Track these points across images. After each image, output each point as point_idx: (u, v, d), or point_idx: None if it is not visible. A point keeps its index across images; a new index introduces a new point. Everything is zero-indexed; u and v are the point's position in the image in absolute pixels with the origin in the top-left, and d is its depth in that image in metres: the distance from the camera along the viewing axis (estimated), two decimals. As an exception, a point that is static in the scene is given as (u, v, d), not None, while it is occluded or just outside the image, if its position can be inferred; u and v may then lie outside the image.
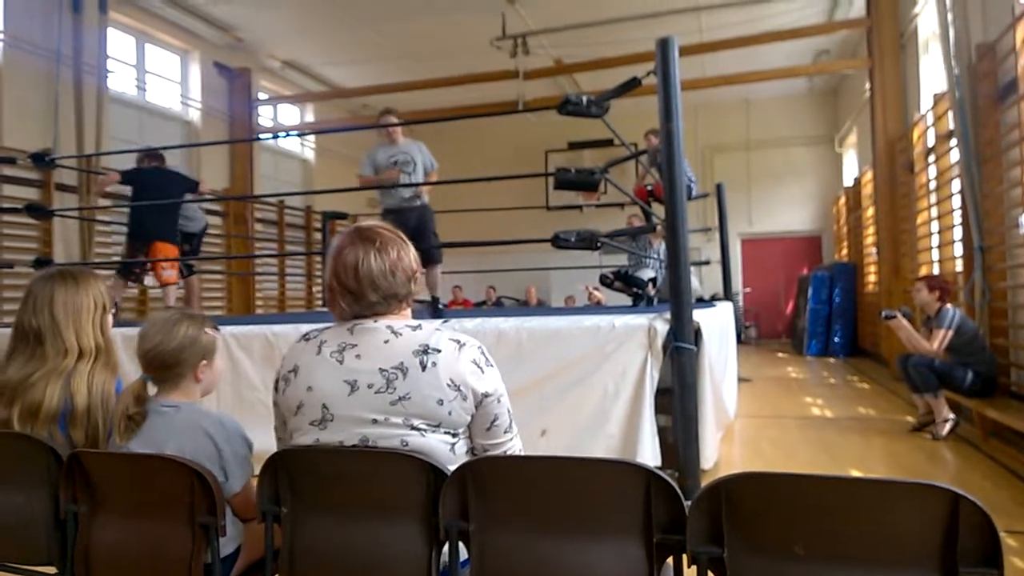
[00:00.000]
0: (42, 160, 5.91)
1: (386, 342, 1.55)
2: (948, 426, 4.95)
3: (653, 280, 6.84)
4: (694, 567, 1.29)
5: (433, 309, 5.56)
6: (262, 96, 11.70)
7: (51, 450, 1.79)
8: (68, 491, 1.73)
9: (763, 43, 9.73)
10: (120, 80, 9.29)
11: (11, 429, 1.91)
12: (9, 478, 1.90)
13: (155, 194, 5.99)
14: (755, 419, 6.04)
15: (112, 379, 2.04)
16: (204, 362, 1.86)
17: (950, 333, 4.97)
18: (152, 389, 1.84)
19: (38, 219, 7.13)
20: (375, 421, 1.50)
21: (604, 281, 7.16)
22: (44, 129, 7.51)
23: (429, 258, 5.56)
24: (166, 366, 1.80)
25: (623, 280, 6.99)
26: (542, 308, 11.73)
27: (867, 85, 9.46)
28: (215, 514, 1.57)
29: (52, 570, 1.84)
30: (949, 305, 5.10)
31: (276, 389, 1.65)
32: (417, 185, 5.82)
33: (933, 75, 7.90)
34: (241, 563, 1.78)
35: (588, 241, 4.32)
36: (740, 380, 7.05)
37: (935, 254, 7.56)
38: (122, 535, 1.69)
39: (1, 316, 7.31)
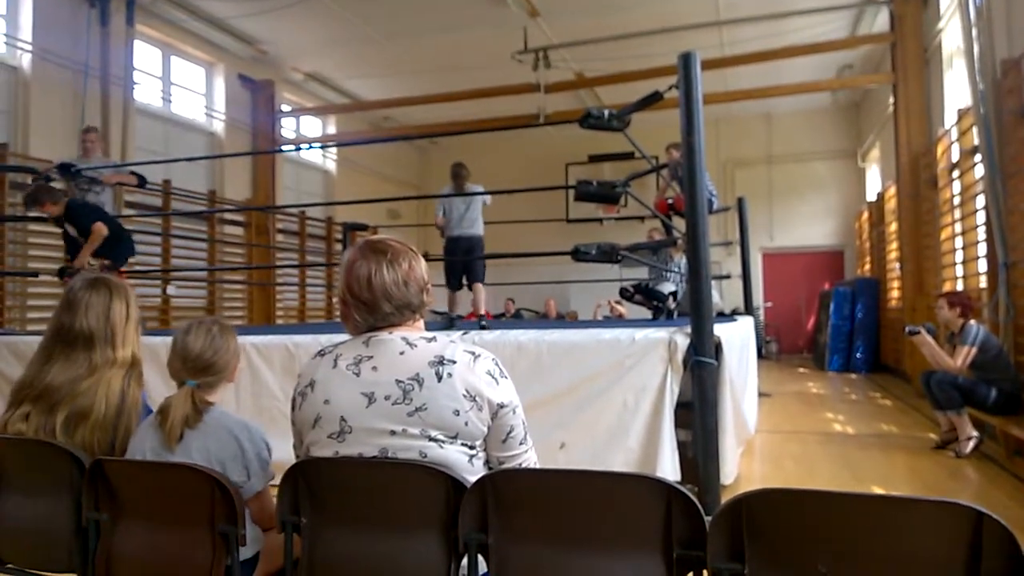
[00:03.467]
0: (68, 171, 6.01)
1: (402, 353, 1.56)
2: (971, 444, 4.88)
3: (673, 294, 6.81)
4: (714, 584, 1.28)
5: (479, 326, 5.67)
6: (285, 108, 11.84)
7: (74, 457, 1.80)
8: (90, 499, 1.74)
9: (785, 57, 9.71)
10: (146, 92, 9.44)
11: (52, 433, 1.93)
12: (33, 485, 1.92)
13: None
14: (776, 434, 5.98)
15: (140, 389, 2.07)
16: (238, 364, 1.94)
17: (974, 350, 4.91)
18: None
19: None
20: (393, 432, 1.51)
21: (624, 294, 7.13)
22: (71, 140, 7.62)
23: (474, 277, 6.42)
24: (211, 371, 1.85)
25: (643, 293, 6.96)
26: (561, 321, 11.70)
27: (891, 100, 9.39)
28: (235, 523, 1.58)
29: (74, 577, 1.86)
30: (973, 321, 5.04)
31: (293, 407, 1.65)
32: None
33: (957, 90, 7.83)
34: (260, 572, 1.79)
35: (608, 254, 4.32)
36: (760, 395, 6.99)
37: (959, 270, 7.47)
38: (143, 543, 1.71)
39: (25, 324, 7.42)
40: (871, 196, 12.33)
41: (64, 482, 1.83)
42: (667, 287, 6.77)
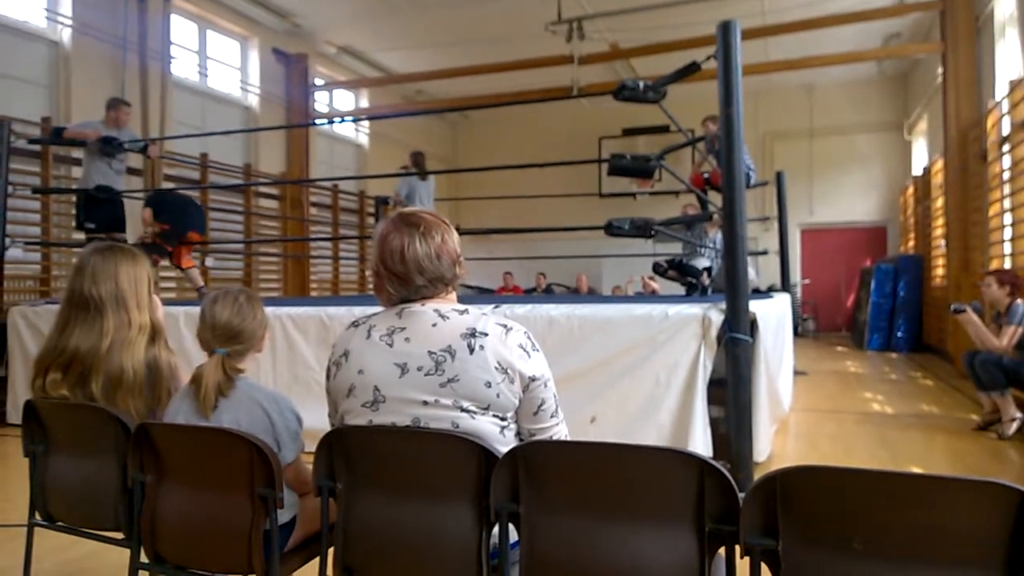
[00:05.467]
0: (110, 144, 6.12)
1: (434, 325, 1.56)
2: (1015, 425, 4.78)
3: (708, 270, 6.74)
4: (746, 559, 1.28)
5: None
6: (318, 82, 11.87)
7: (120, 421, 1.86)
8: (136, 461, 1.80)
9: (829, 26, 9.43)
10: (183, 66, 9.52)
11: (91, 399, 1.98)
12: (81, 448, 1.99)
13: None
14: (811, 413, 5.91)
15: (171, 355, 2.11)
16: (266, 334, 1.96)
17: (1020, 330, 4.79)
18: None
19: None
20: (425, 403, 1.52)
21: (657, 269, 7.08)
22: (111, 114, 7.72)
23: None
24: (238, 339, 1.87)
25: (677, 269, 6.91)
26: (593, 296, 11.67)
27: (939, 70, 9.10)
28: (273, 486, 1.62)
29: (119, 535, 1.92)
30: (1020, 300, 4.91)
31: (328, 376, 1.68)
32: None
33: (1009, 60, 7.56)
34: (298, 535, 1.84)
35: (642, 229, 4.29)
36: (796, 373, 6.91)
37: (1007, 247, 7.26)
38: (185, 504, 1.76)
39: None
40: (917, 170, 12.02)
41: (110, 445, 1.88)
42: (701, 262, 6.70)
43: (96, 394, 1.97)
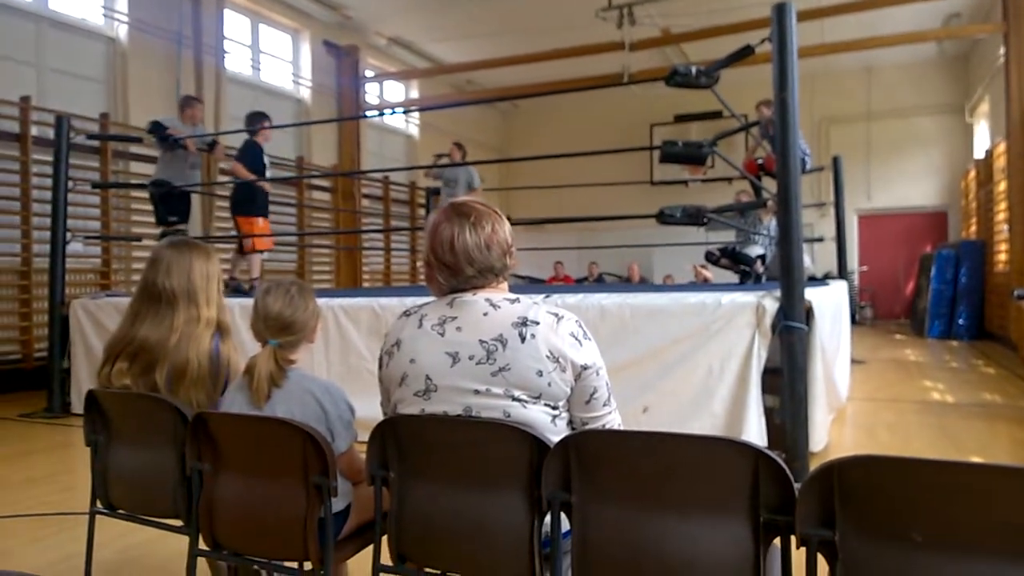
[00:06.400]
0: (160, 130, 6.24)
1: (485, 315, 1.57)
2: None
3: (762, 257, 6.61)
4: (802, 550, 1.25)
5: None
6: (369, 73, 11.98)
7: (178, 411, 1.91)
8: (193, 450, 1.84)
9: (887, 6, 9.17)
10: (236, 60, 9.71)
11: (154, 390, 2.04)
12: (141, 437, 2.05)
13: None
14: (869, 402, 5.77)
15: (234, 352, 2.15)
16: (318, 324, 1.97)
17: None
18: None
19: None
20: (477, 392, 1.52)
21: (710, 258, 6.98)
22: (167, 108, 7.91)
23: None
24: (290, 330, 1.89)
25: (730, 257, 6.80)
26: (645, 285, 11.57)
27: (1001, 50, 8.75)
28: (327, 475, 1.64)
29: (178, 522, 1.98)
30: None
31: (380, 365, 1.69)
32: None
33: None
34: (352, 523, 1.86)
35: (694, 217, 4.23)
36: (853, 362, 6.75)
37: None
38: (242, 492, 1.79)
39: (130, 286, 7.85)
40: (979, 154, 11.59)
41: (169, 434, 1.93)
42: (755, 250, 6.58)
43: (159, 384, 2.03)
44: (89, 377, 5.40)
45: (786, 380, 3.55)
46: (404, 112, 13.25)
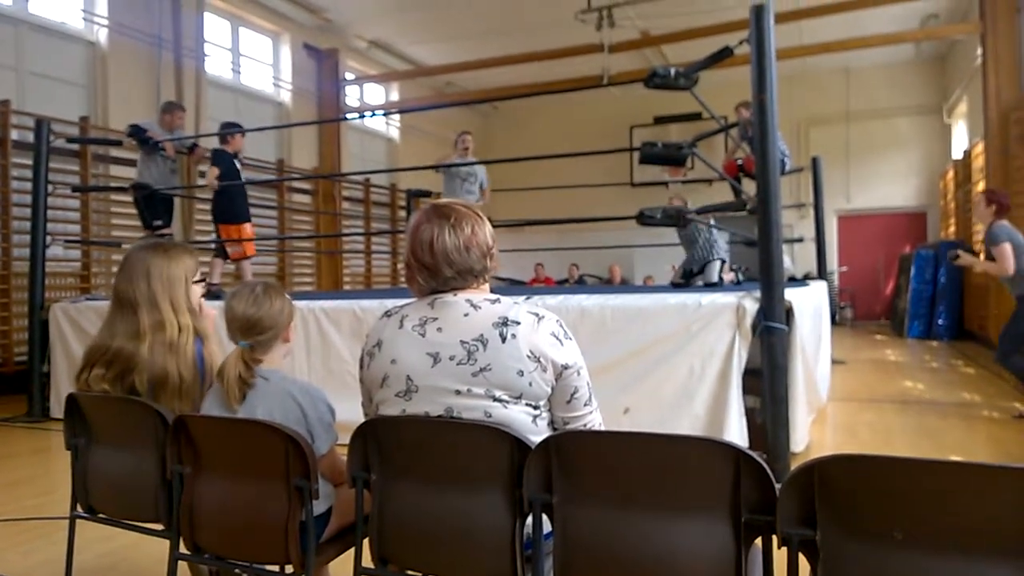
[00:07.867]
0: (140, 133, 6.18)
1: (466, 315, 1.56)
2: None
3: (723, 263, 6.52)
4: (783, 549, 1.26)
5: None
6: (349, 76, 11.93)
7: (158, 414, 1.89)
8: (174, 453, 1.83)
9: (865, 7, 9.27)
10: (216, 63, 9.64)
11: (134, 394, 2.01)
12: (121, 441, 2.03)
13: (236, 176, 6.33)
14: (850, 403, 5.82)
15: (220, 351, 2.12)
16: (292, 323, 1.96)
17: (1008, 246, 4.80)
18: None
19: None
20: (458, 392, 1.52)
21: (678, 287, 6.87)
22: (148, 112, 7.85)
23: None
24: (257, 329, 1.88)
25: (698, 276, 6.70)
26: (625, 286, 11.59)
27: (979, 51, 8.87)
28: (309, 477, 1.64)
29: (159, 526, 1.96)
30: (1001, 221, 4.94)
31: (361, 366, 1.69)
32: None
33: (1053, 38, 7.34)
34: (333, 526, 1.85)
35: (674, 218, 4.25)
36: (834, 362, 6.80)
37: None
38: (223, 495, 1.78)
39: (110, 289, 7.76)
40: (957, 154, 11.73)
41: (149, 437, 1.92)
42: (714, 269, 6.44)
43: (139, 390, 2.00)
44: (69, 381, 5.34)
45: (767, 380, 3.58)
46: (384, 115, 13.21)
